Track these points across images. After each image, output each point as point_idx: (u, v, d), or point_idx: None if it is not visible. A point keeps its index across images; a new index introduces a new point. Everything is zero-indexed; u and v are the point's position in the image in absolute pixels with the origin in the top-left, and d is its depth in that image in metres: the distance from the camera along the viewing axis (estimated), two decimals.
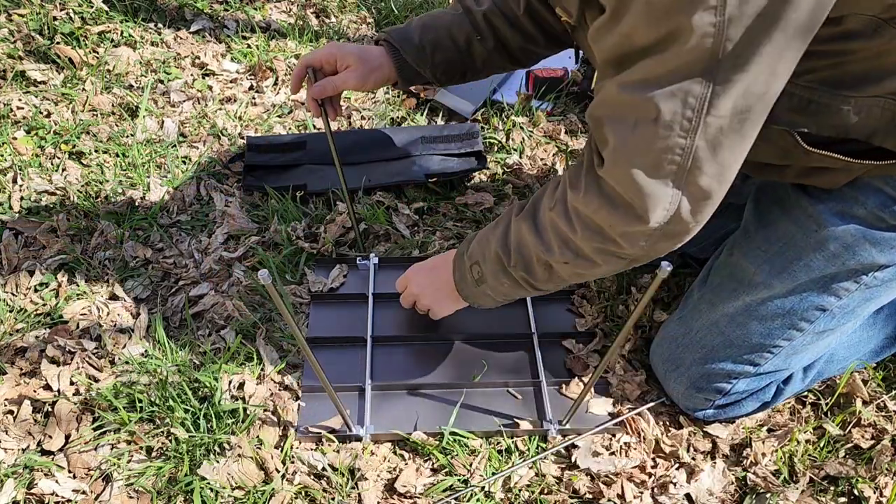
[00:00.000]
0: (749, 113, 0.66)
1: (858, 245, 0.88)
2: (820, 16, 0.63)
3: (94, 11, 1.84)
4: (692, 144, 0.67)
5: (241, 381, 1.07)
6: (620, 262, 0.82)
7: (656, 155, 0.69)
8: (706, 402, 1.02)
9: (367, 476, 0.97)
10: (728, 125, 0.66)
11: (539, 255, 0.85)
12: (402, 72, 1.09)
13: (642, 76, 0.66)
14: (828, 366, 1.06)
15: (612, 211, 0.75)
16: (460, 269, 0.98)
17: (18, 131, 1.50)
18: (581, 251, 0.81)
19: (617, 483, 0.97)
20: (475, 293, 0.98)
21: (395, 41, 1.07)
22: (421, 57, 1.08)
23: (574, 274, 0.86)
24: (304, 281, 1.24)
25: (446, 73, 1.12)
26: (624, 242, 0.77)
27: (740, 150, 0.70)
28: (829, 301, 0.93)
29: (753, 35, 0.61)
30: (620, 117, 0.70)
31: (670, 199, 0.71)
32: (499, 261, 0.91)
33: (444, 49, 1.08)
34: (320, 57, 1.07)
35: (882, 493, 0.97)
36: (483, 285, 0.95)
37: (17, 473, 0.97)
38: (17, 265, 1.25)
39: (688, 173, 0.69)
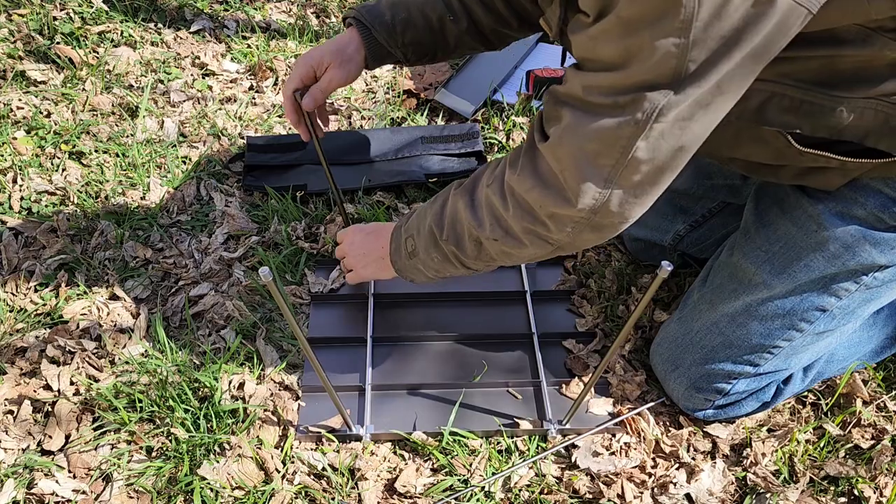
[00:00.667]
0: (690, 121, 0.68)
1: (858, 245, 0.88)
2: (780, 42, 0.65)
3: (94, 11, 1.84)
4: (633, 144, 0.69)
5: (241, 381, 1.07)
6: (547, 247, 0.83)
7: (601, 145, 0.71)
8: (706, 402, 1.02)
9: (367, 476, 0.97)
10: (668, 130, 0.68)
11: (471, 230, 0.86)
12: (371, 52, 1.06)
13: (609, 84, 0.69)
14: (828, 366, 1.06)
15: (543, 191, 0.76)
16: (396, 240, 0.99)
17: (18, 131, 1.50)
18: (511, 230, 0.82)
19: (617, 483, 0.97)
20: (407, 266, 0.99)
21: (365, 20, 1.04)
22: (392, 36, 1.05)
23: (502, 252, 0.87)
24: (304, 281, 1.24)
25: (416, 53, 1.09)
26: (552, 225, 0.78)
27: (678, 154, 0.71)
28: (829, 301, 0.93)
29: (715, 57, 0.64)
30: (578, 107, 0.73)
31: (602, 187, 0.73)
32: (431, 234, 0.91)
33: (415, 28, 1.05)
34: (298, 77, 1.05)
35: (882, 494, 0.97)
36: (415, 259, 0.96)
37: (17, 473, 0.97)
38: (17, 265, 1.25)
39: (623, 169, 0.71)
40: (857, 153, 0.82)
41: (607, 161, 0.71)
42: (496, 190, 0.83)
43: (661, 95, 0.66)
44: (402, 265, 0.99)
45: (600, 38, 0.68)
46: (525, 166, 0.79)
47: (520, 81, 1.66)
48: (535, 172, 0.77)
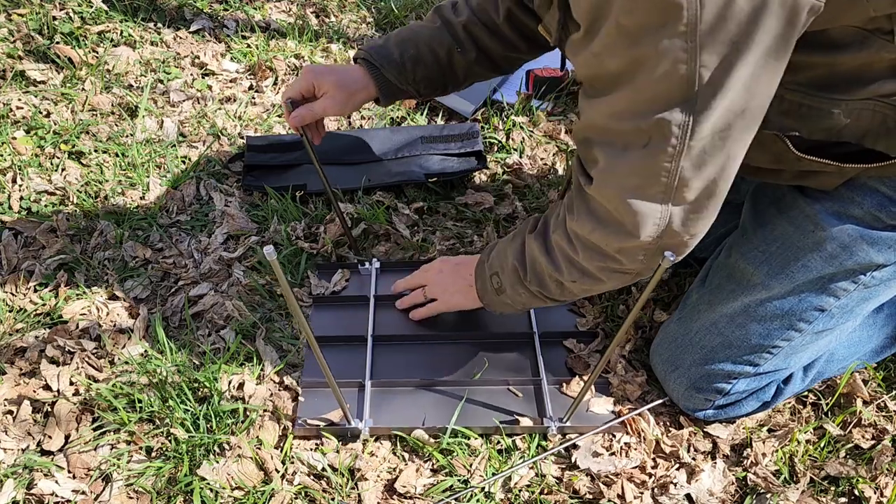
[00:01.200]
0: (729, 130, 0.68)
1: (856, 245, 0.88)
2: (793, 36, 0.64)
3: (93, 11, 1.84)
4: (677, 166, 0.69)
5: (240, 381, 1.07)
6: (625, 277, 0.84)
7: (644, 178, 0.71)
8: (706, 402, 1.02)
9: (367, 476, 0.97)
10: (710, 144, 0.68)
11: (550, 273, 0.89)
12: (383, 90, 1.09)
13: (626, 106, 0.69)
14: (828, 365, 1.06)
15: (604, 230, 0.78)
16: (482, 276, 1.02)
17: (18, 131, 1.50)
18: (586, 270, 0.84)
19: (617, 483, 0.97)
20: (495, 301, 1.02)
21: (374, 60, 1.06)
22: (402, 74, 1.07)
23: (583, 290, 0.90)
24: (304, 283, 1.24)
25: (428, 88, 1.12)
26: (623, 258, 0.80)
27: (727, 164, 0.71)
28: (827, 301, 0.93)
29: (728, 60, 0.63)
30: (609, 141, 0.73)
31: (659, 214, 0.73)
32: (516, 274, 0.94)
33: (425, 64, 1.08)
34: (298, 88, 1.06)
35: (882, 494, 0.97)
36: (503, 295, 0.99)
37: (16, 473, 0.96)
38: (16, 265, 1.25)
39: (675, 191, 0.71)
40: (854, 157, 0.82)
41: (655, 190, 0.72)
42: (562, 235, 0.85)
43: (683, 114, 0.65)
44: (489, 300, 1.03)
45: (604, 52, 0.67)
46: (580, 209, 0.80)
47: (520, 81, 1.66)
48: (591, 214, 0.79)
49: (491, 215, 1.36)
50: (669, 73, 0.63)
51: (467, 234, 1.33)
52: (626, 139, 0.71)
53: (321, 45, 1.82)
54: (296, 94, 1.06)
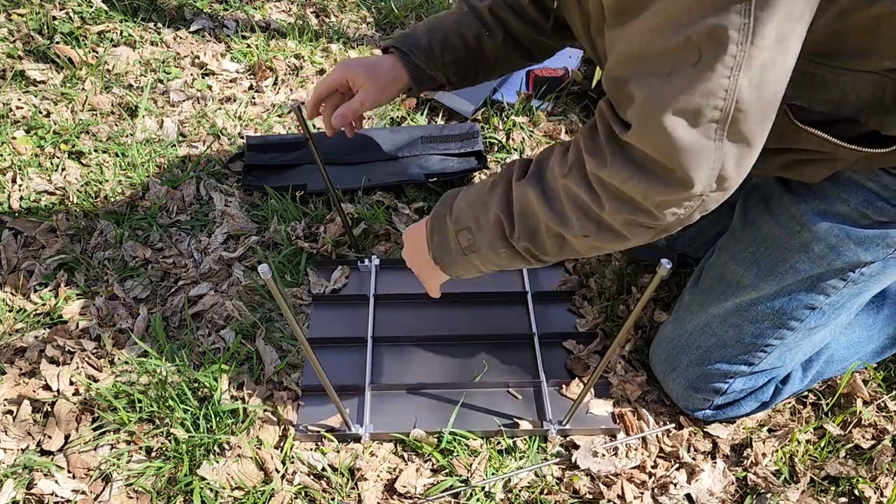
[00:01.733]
0: (789, 41, 0.59)
1: (843, 245, 0.87)
2: None
3: (93, 11, 1.84)
4: (735, 85, 0.59)
5: (240, 381, 1.07)
6: (649, 233, 0.73)
7: (697, 100, 0.60)
8: (705, 402, 1.02)
9: (367, 476, 0.97)
10: (771, 58, 0.59)
11: (550, 226, 0.76)
12: (414, 77, 1.05)
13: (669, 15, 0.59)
14: (828, 366, 1.06)
15: (646, 179, 0.66)
16: (440, 232, 0.86)
17: (18, 131, 1.50)
18: (605, 223, 0.73)
19: (617, 483, 0.97)
20: (458, 262, 0.87)
21: (403, 47, 1.05)
22: (431, 59, 1.05)
23: (592, 247, 0.77)
24: (304, 282, 1.24)
25: (458, 74, 1.08)
26: (659, 212, 0.69)
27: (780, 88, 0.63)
28: (818, 299, 0.93)
29: None
30: (649, 69, 0.63)
31: (713, 154, 0.63)
32: (498, 228, 0.80)
33: (453, 48, 1.06)
34: (331, 83, 1.05)
35: (882, 494, 0.97)
36: (472, 255, 0.85)
37: (16, 473, 0.96)
38: (16, 265, 1.24)
39: (731, 120, 0.61)
40: (851, 139, 0.80)
41: (710, 119, 0.61)
42: (578, 181, 0.72)
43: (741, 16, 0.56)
44: (449, 261, 0.87)
45: None
46: (615, 157, 0.68)
47: (520, 81, 1.66)
48: (630, 161, 0.67)
49: None
50: None
51: None
52: (671, 60, 0.60)
53: (321, 45, 1.82)
54: (329, 89, 1.05)
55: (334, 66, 1.07)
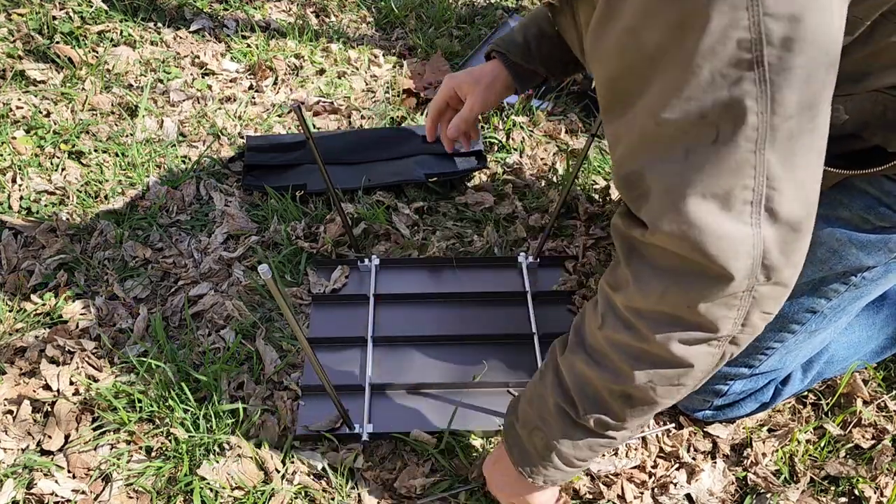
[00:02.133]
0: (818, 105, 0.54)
1: (845, 249, 0.87)
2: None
3: (93, 11, 1.84)
4: (762, 160, 0.54)
5: (240, 381, 1.07)
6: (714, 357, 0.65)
7: (724, 180, 0.54)
8: (704, 402, 1.02)
9: (367, 476, 0.97)
10: (797, 126, 0.54)
11: (610, 387, 0.69)
12: (515, 75, 1.04)
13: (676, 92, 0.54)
14: (828, 367, 1.06)
15: (681, 284, 0.59)
16: (516, 443, 0.80)
17: (18, 131, 1.50)
18: (659, 357, 0.65)
19: (617, 483, 0.97)
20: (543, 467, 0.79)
21: (500, 48, 1.05)
22: (527, 54, 1.03)
23: (662, 393, 0.68)
24: (304, 281, 1.24)
25: (558, 63, 1.04)
26: (709, 321, 0.61)
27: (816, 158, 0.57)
28: (819, 303, 0.93)
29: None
30: (663, 155, 0.57)
31: (750, 240, 0.56)
32: (563, 414, 0.74)
33: (549, 39, 1.02)
34: (441, 99, 1.07)
35: (882, 493, 0.97)
36: (552, 454, 0.77)
37: (16, 473, 0.96)
38: (16, 265, 1.24)
39: (764, 199, 0.55)
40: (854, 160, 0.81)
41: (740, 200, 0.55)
42: (614, 326, 0.67)
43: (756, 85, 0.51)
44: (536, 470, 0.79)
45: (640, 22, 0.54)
46: (639, 274, 0.62)
47: None
48: (657, 271, 0.61)
49: (491, 215, 1.36)
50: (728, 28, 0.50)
51: (467, 233, 1.33)
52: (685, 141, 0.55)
53: (321, 45, 1.82)
54: (440, 105, 1.07)
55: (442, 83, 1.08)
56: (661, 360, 0.65)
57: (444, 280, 1.24)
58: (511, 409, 0.83)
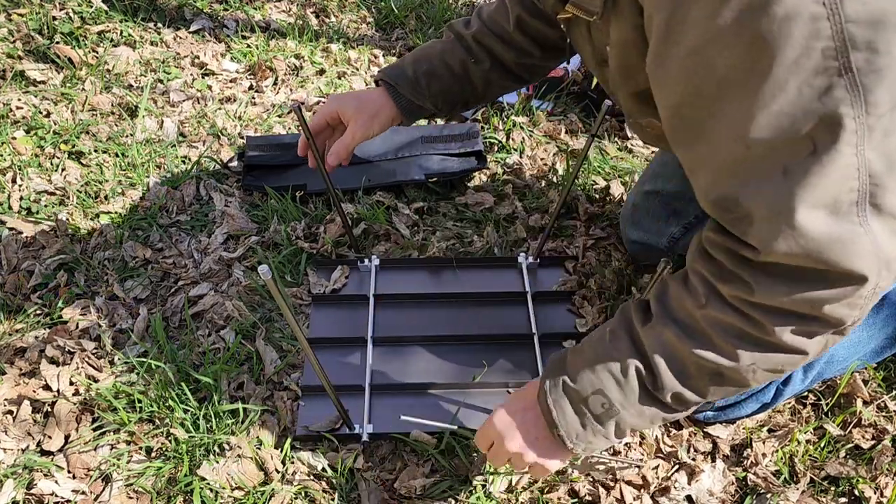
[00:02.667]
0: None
1: None
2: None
3: (93, 11, 1.84)
4: (863, 160, 0.55)
5: (240, 381, 1.07)
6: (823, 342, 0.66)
7: (830, 187, 0.55)
8: (706, 403, 1.02)
9: (367, 476, 0.97)
10: (891, 122, 0.54)
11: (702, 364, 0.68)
12: (402, 108, 1.08)
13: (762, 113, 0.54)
14: (828, 367, 1.06)
15: (808, 289, 0.60)
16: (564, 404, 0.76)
17: (18, 131, 1.50)
18: (774, 345, 0.65)
19: (617, 484, 0.97)
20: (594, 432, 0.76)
21: (389, 79, 1.07)
22: (417, 90, 1.07)
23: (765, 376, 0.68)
24: (304, 282, 1.24)
25: (447, 102, 1.10)
26: (831, 317, 0.62)
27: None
28: None
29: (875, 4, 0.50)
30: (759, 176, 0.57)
31: (865, 237, 0.57)
32: (640, 382, 0.72)
33: (439, 78, 1.07)
34: (323, 116, 1.08)
35: (883, 494, 0.97)
36: (609, 421, 0.75)
37: (16, 474, 0.96)
38: (16, 265, 1.24)
39: (868, 196, 0.56)
40: None
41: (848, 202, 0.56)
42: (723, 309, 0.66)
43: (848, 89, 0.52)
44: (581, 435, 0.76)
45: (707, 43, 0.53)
46: (761, 279, 0.62)
47: None
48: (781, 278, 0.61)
49: (491, 215, 1.36)
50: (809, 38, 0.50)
51: (467, 234, 1.33)
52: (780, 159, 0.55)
53: (321, 45, 1.82)
54: (321, 123, 1.08)
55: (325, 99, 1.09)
56: (771, 346, 0.65)
57: (444, 280, 1.25)
58: (557, 367, 0.78)
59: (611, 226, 1.35)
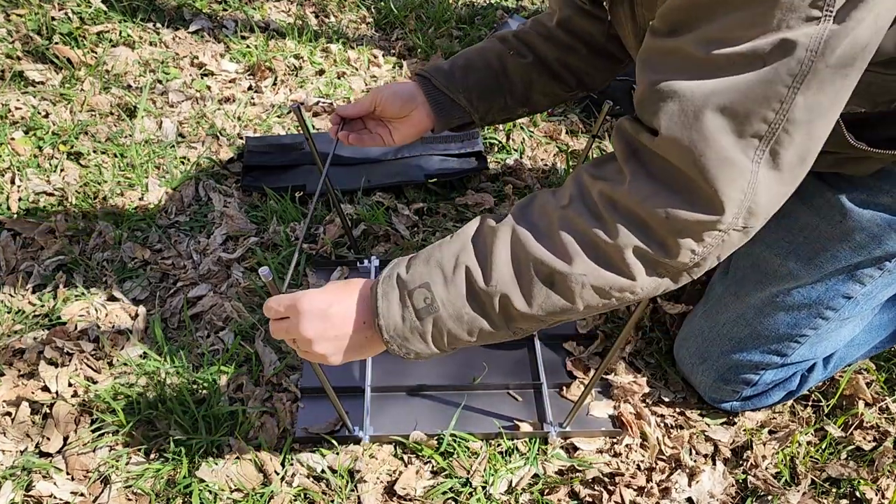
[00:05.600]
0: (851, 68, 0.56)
1: (885, 234, 0.88)
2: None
3: (92, 11, 1.84)
4: (792, 98, 0.55)
5: (239, 382, 1.07)
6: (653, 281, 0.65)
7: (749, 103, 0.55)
8: (733, 393, 1.02)
9: (367, 478, 0.96)
10: (830, 80, 0.55)
11: (539, 266, 0.66)
12: (434, 102, 0.99)
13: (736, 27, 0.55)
14: (849, 350, 1.06)
15: (670, 196, 0.60)
16: (387, 295, 0.71)
17: (17, 132, 1.50)
18: (608, 256, 0.64)
19: (617, 485, 0.96)
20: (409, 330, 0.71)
21: (425, 72, 1.01)
22: (451, 81, 0.99)
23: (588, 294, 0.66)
24: (303, 283, 1.23)
25: (483, 97, 1.01)
26: (674, 245, 0.62)
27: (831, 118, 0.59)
28: (854, 289, 0.93)
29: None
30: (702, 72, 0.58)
31: (749, 175, 0.57)
32: (467, 278, 0.68)
33: (476, 70, 1.00)
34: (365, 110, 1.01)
35: (884, 496, 0.97)
36: (427, 318, 0.70)
37: (15, 475, 0.96)
38: (15, 266, 1.24)
39: (774, 140, 0.57)
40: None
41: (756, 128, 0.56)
42: (580, 209, 0.65)
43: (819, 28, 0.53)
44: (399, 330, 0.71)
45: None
46: (636, 172, 0.62)
47: None
48: (652, 176, 0.61)
49: None
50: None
51: None
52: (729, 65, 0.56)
53: (321, 45, 1.81)
54: (361, 111, 1.01)
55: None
56: (608, 260, 0.64)
57: None
58: (399, 262, 0.73)
59: None
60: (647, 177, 0.62)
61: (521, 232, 0.68)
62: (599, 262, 0.64)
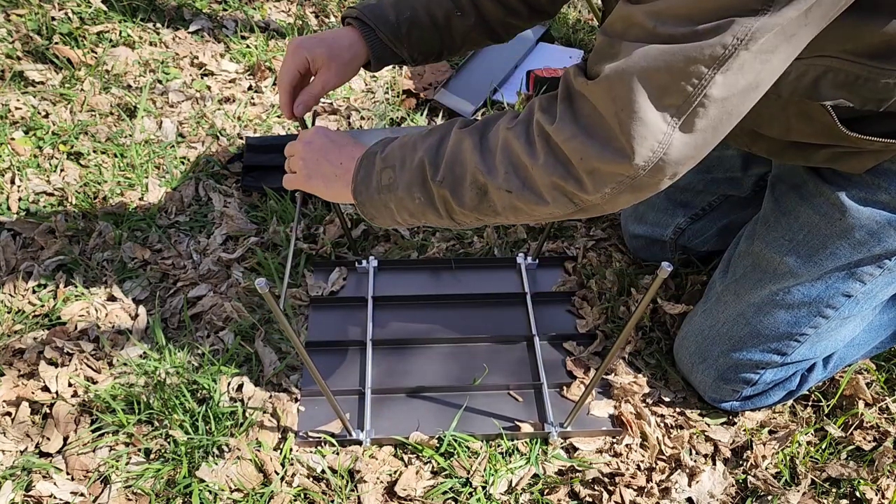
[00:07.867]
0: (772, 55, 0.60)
1: (884, 232, 0.88)
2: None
3: (92, 11, 1.83)
4: (712, 76, 0.60)
5: (239, 382, 1.07)
6: (569, 207, 0.72)
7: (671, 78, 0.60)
8: (733, 393, 1.02)
9: (367, 479, 0.96)
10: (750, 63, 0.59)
11: (476, 175, 0.74)
12: (376, 53, 0.99)
13: (687, 9, 0.60)
14: (849, 350, 1.06)
15: (587, 141, 0.66)
16: (366, 167, 0.84)
17: (17, 132, 1.50)
18: (531, 182, 0.71)
19: (618, 485, 0.96)
20: (374, 201, 0.83)
21: (368, 20, 0.97)
22: (396, 37, 0.98)
23: (511, 207, 0.75)
24: (302, 283, 1.23)
25: (423, 53, 1.02)
26: (589, 183, 0.68)
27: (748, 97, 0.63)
28: (854, 287, 0.93)
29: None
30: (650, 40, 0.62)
31: (662, 136, 0.63)
32: (421, 171, 0.78)
33: (421, 27, 0.99)
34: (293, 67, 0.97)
35: (884, 496, 0.97)
36: (388, 194, 0.82)
37: (15, 475, 0.96)
38: (15, 266, 1.24)
39: (692, 109, 0.62)
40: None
41: (675, 99, 0.61)
42: (520, 133, 0.72)
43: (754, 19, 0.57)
44: (366, 197, 0.84)
45: None
46: (565, 113, 0.68)
47: (520, 81, 1.66)
48: (577, 119, 0.67)
49: None
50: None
51: (467, 235, 1.32)
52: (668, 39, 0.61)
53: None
54: (293, 74, 0.97)
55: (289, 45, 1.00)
56: (529, 183, 0.71)
57: (443, 282, 1.24)
58: (382, 143, 0.85)
59: (611, 226, 1.35)
60: (572, 119, 0.67)
61: (474, 142, 0.75)
62: (522, 183, 0.72)
